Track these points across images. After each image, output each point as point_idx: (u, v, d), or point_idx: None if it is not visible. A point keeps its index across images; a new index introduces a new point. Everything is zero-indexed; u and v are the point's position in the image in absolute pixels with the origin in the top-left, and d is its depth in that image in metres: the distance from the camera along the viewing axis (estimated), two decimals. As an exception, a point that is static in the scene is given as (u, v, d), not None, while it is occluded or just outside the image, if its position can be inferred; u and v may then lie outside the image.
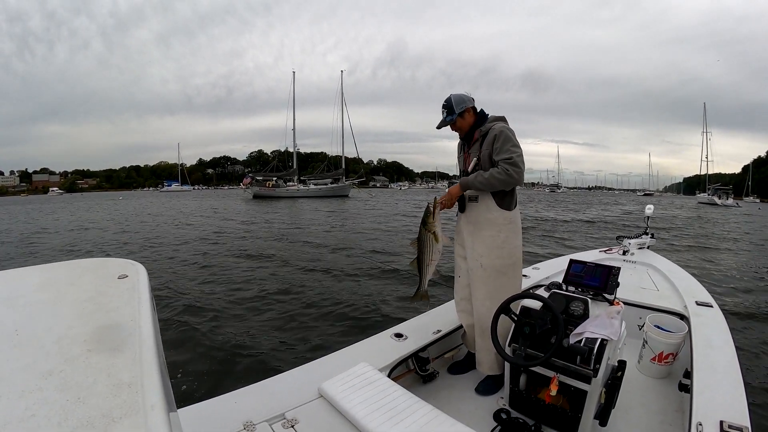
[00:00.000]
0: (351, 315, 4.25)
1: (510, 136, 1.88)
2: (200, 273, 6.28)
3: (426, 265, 2.01)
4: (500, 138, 1.88)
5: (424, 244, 1.99)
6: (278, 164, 45.75)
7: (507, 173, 1.82)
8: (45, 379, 0.57)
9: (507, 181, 1.84)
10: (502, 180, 1.84)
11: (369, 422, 1.30)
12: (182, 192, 75.15)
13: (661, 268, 3.08)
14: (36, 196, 77.48)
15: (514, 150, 1.85)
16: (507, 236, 1.96)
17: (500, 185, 1.88)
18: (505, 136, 1.88)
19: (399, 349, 1.94)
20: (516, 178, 1.84)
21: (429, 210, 1.95)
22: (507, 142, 1.86)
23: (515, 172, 1.82)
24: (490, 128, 1.93)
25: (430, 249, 1.98)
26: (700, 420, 1.33)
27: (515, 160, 1.83)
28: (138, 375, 0.58)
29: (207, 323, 3.99)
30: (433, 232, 1.95)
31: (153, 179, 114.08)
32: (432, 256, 1.99)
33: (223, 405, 1.44)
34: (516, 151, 1.85)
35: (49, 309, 0.76)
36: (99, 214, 21.06)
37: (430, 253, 1.99)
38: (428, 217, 1.95)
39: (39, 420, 0.50)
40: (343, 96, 42.52)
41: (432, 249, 1.98)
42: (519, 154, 1.85)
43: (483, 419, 1.81)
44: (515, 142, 1.88)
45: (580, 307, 1.67)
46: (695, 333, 2.00)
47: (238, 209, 21.98)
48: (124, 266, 0.93)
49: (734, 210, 31.30)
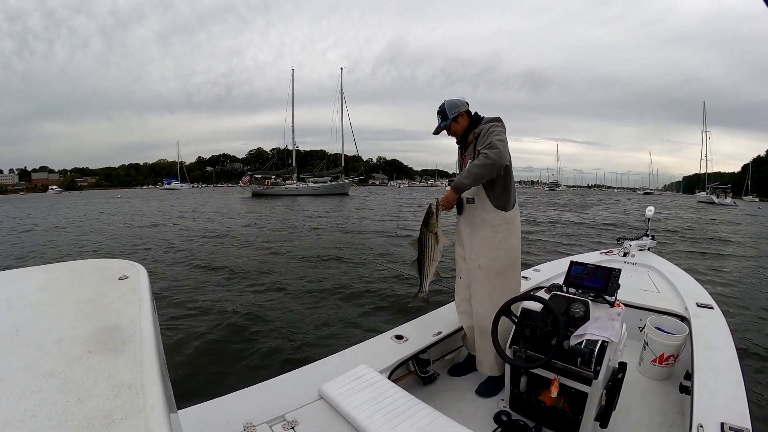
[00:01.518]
0: (351, 316, 4.25)
1: (494, 130, 1.88)
2: (200, 274, 6.28)
3: (427, 265, 2.00)
4: (483, 134, 1.90)
5: (425, 245, 1.98)
6: (277, 162, 45.56)
7: (485, 156, 1.78)
8: (45, 379, 0.57)
9: (487, 164, 1.78)
10: (483, 164, 1.79)
11: (369, 424, 1.30)
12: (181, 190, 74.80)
13: (662, 269, 3.08)
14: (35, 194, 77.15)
15: (495, 138, 1.83)
16: (504, 237, 1.96)
17: (484, 171, 1.81)
18: (487, 131, 1.89)
19: (399, 350, 1.94)
20: (495, 158, 1.77)
21: (431, 210, 1.94)
22: (490, 135, 1.86)
23: (493, 153, 1.77)
24: (482, 129, 1.95)
25: (432, 250, 1.98)
26: (700, 422, 1.33)
27: (493, 142, 1.80)
28: (138, 376, 0.58)
29: (207, 324, 3.99)
30: (434, 233, 1.95)
31: (152, 177, 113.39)
32: (433, 256, 1.99)
33: (223, 406, 1.44)
34: (497, 138, 1.83)
35: (49, 310, 0.76)
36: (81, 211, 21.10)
37: (432, 254, 1.98)
38: (430, 218, 1.95)
39: (39, 421, 0.50)
40: (342, 93, 42.38)
41: (433, 250, 1.98)
42: (501, 140, 1.83)
43: (483, 421, 1.81)
44: (496, 131, 1.87)
45: (581, 309, 1.67)
46: (696, 335, 1.99)
47: (238, 208, 21.91)
48: (125, 267, 0.93)
49: (732, 209, 31.53)
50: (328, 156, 49.11)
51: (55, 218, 17.73)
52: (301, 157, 66.61)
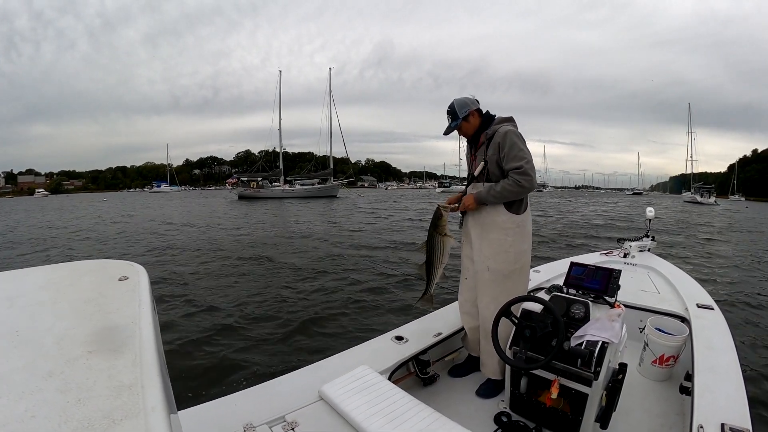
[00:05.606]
0: (351, 317, 4.24)
1: (516, 141, 1.85)
2: (201, 274, 6.27)
3: (435, 268, 2.00)
4: (506, 143, 1.85)
5: (434, 248, 1.98)
6: (264, 164, 45.04)
7: (518, 185, 1.82)
8: (45, 380, 0.57)
9: (519, 192, 1.86)
10: (515, 191, 1.85)
11: (369, 425, 1.30)
12: (171, 192, 74.32)
13: (662, 270, 3.08)
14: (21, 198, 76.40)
15: (523, 157, 1.83)
16: (514, 240, 1.94)
17: (513, 197, 1.89)
18: (510, 141, 1.85)
19: (400, 351, 1.93)
20: (528, 188, 1.84)
21: (439, 213, 1.94)
22: (513, 148, 1.84)
23: (526, 181, 1.82)
24: (495, 131, 1.92)
25: (441, 252, 1.98)
26: (701, 423, 1.33)
27: (525, 168, 1.82)
28: (138, 377, 0.58)
29: (208, 325, 3.98)
30: (443, 235, 1.95)
31: (139, 180, 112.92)
32: (442, 259, 1.99)
33: (223, 407, 1.43)
34: (524, 157, 1.83)
35: (49, 310, 0.76)
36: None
37: (441, 257, 1.98)
38: (440, 220, 1.94)
39: (39, 421, 0.50)
40: (331, 94, 41.96)
41: (442, 252, 1.98)
42: (528, 161, 1.84)
43: (484, 422, 1.81)
44: (522, 146, 1.86)
45: (581, 310, 1.67)
46: (696, 335, 1.99)
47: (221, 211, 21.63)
48: (125, 268, 0.93)
49: (713, 208, 32.90)
50: (317, 158, 48.38)
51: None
52: (289, 159, 66.00)
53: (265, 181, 38.46)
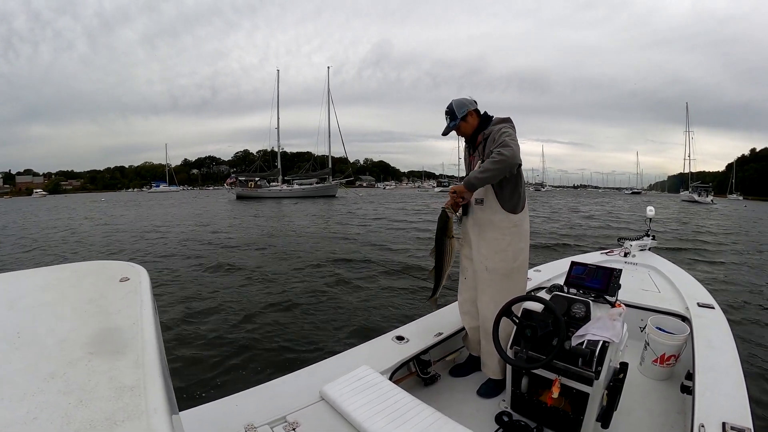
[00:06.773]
0: (352, 318, 4.24)
1: (504, 131, 1.87)
2: (200, 275, 6.27)
3: (445, 271, 2.01)
4: (496, 135, 1.89)
5: (444, 252, 1.99)
6: (263, 164, 44.72)
7: (499, 154, 1.78)
8: (47, 381, 0.57)
9: (502, 164, 1.78)
10: (498, 165, 1.78)
11: (370, 425, 1.30)
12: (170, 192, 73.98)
13: (663, 269, 3.08)
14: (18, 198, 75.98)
15: (506, 137, 1.83)
16: (512, 239, 1.95)
17: (497, 168, 1.80)
18: (500, 131, 1.88)
19: (400, 351, 1.93)
20: (508, 157, 1.77)
21: (446, 216, 1.94)
22: (501, 135, 1.86)
23: (507, 150, 1.77)
24: (492, 130, 1.93)
25: (450, 255, 1.99)
26: (702, 422, 1.33)
27: (505, 141, 1.80)
28: (140, 378, 0.58)
29: (209, 326, 3.99)
30: (452, 238, 1.96)
31: (138, 180, 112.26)
32: (451, 261, 2.01)
33: (224, 408, 1.43)
34: (507, 138, 1.83)
35: (50, 311, 0.76)
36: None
37: (450, 260, 2.00)
38: (447, 223, 1.95)
39: (41, 423, 0.50)
40: (329, 93, 41.57)
41: (452, 255, 1.99)
42: (511, 138, 1.83)
43: (485, 422, 1.81)
44: (507, 132, 1.87)
45: (582, 310, 1.67)
46: (697, 334, 1.99)
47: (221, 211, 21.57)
48: (126, 269, 0.93)
49: (709, 206, 32.99)
50: (315, 157, 48.13)
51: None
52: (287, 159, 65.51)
53: (264, 181, 38.35)
